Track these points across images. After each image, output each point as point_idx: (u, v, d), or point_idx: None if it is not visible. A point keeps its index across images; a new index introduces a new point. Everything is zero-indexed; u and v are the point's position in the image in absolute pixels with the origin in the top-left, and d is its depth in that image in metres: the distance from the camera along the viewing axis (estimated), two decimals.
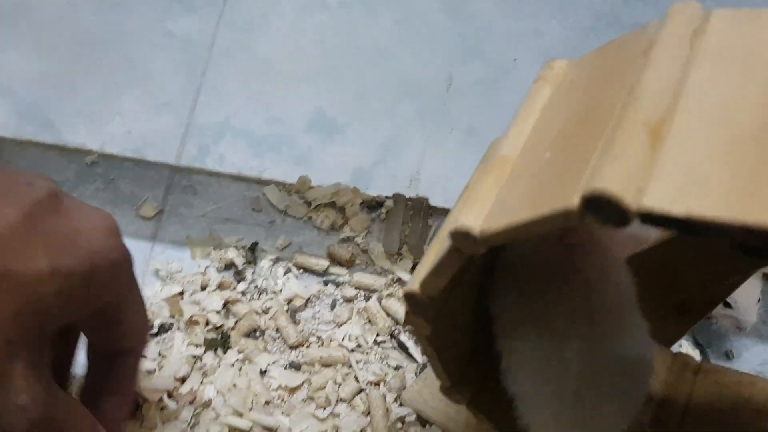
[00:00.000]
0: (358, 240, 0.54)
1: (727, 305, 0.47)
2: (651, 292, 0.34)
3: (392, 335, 0.49)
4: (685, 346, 0.50)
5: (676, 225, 0.20)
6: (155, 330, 0.48)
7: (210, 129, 0.58)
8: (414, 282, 0.30)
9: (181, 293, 0.50)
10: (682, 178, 0.20)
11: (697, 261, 0.40)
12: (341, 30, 0.62)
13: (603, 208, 0.20)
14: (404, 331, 0.49)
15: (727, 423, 0.39)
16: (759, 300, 0.49)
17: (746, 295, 0.48)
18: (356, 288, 0.51)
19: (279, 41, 0.62)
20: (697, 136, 0.21)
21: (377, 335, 0.49)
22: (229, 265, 0.52)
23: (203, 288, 0.50)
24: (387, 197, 0.55)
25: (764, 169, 0.20)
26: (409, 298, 0.30)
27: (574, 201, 0.21)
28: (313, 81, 0.60)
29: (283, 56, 0.61)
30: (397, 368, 0.48)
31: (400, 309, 0.50)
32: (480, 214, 0.26)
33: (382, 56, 0.62)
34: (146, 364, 0.46)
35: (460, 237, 0.26)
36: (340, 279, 0.52)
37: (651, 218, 0.20)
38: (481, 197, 0.27)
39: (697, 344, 0.51)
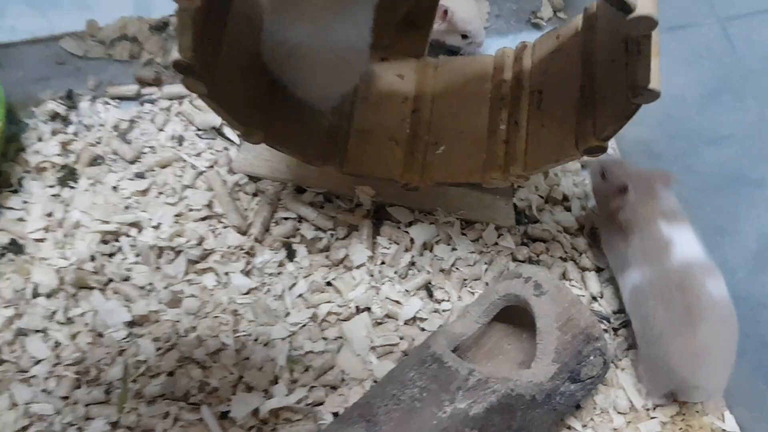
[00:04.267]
0: (158, 60, 0.61)
1: (465, 37, 0.59)
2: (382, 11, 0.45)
3: (213, 128, 0.59)
4: None
5: None
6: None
7: None
8: (173, 51, 0.39)
9: (23, 149, 0.57)
10: None
11: None
12: None
13: None
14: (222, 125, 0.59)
15: (462, 93, 0.52)
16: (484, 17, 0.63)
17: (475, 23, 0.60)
18: (169, 99, 0.60)
19: None
20: None
21: (197, 130, 0.58)
22: (54, 116, 0.58)
23: (39, 140, 0.57)
24: (170, 15, 0.62)
25: None
26: (177, 66, 0.39)
27: None
28: None
29: None
30: (224, 149, 0.58)
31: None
32: None
33: None
34: (13, 214, 0.54)
35: None
36: (154, 96, 0.60)
37: None
38: None
39: None
